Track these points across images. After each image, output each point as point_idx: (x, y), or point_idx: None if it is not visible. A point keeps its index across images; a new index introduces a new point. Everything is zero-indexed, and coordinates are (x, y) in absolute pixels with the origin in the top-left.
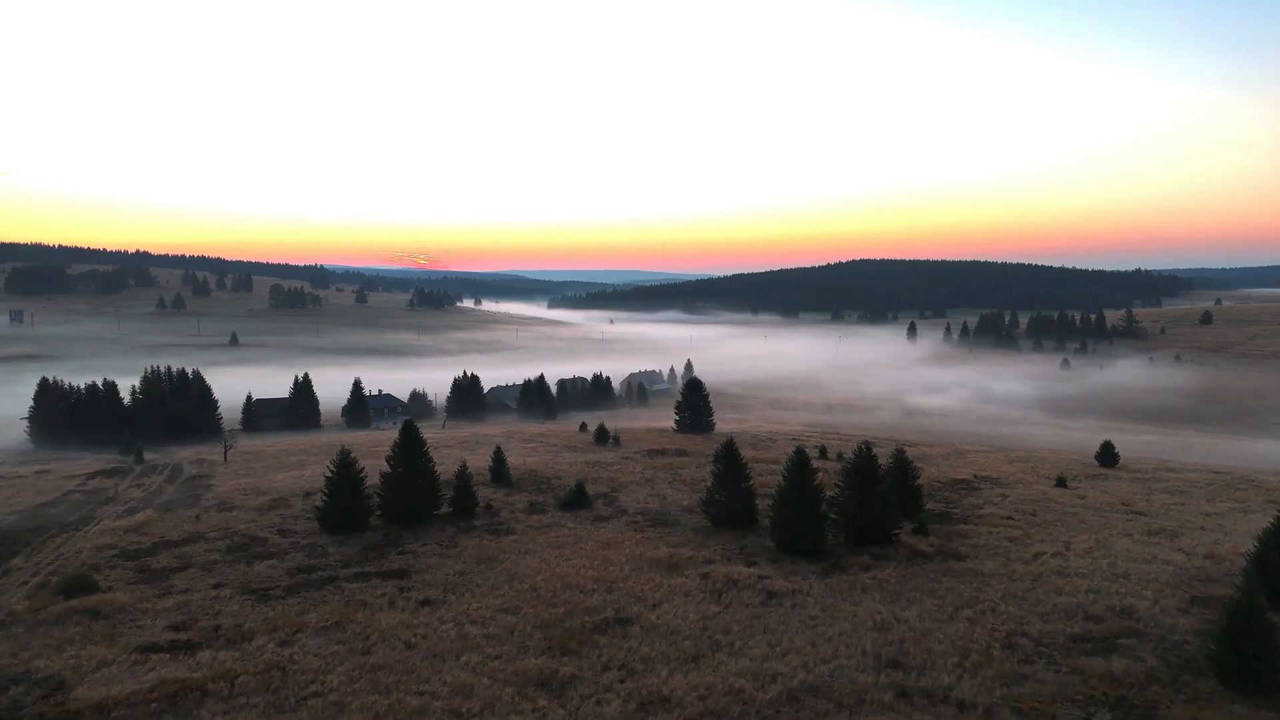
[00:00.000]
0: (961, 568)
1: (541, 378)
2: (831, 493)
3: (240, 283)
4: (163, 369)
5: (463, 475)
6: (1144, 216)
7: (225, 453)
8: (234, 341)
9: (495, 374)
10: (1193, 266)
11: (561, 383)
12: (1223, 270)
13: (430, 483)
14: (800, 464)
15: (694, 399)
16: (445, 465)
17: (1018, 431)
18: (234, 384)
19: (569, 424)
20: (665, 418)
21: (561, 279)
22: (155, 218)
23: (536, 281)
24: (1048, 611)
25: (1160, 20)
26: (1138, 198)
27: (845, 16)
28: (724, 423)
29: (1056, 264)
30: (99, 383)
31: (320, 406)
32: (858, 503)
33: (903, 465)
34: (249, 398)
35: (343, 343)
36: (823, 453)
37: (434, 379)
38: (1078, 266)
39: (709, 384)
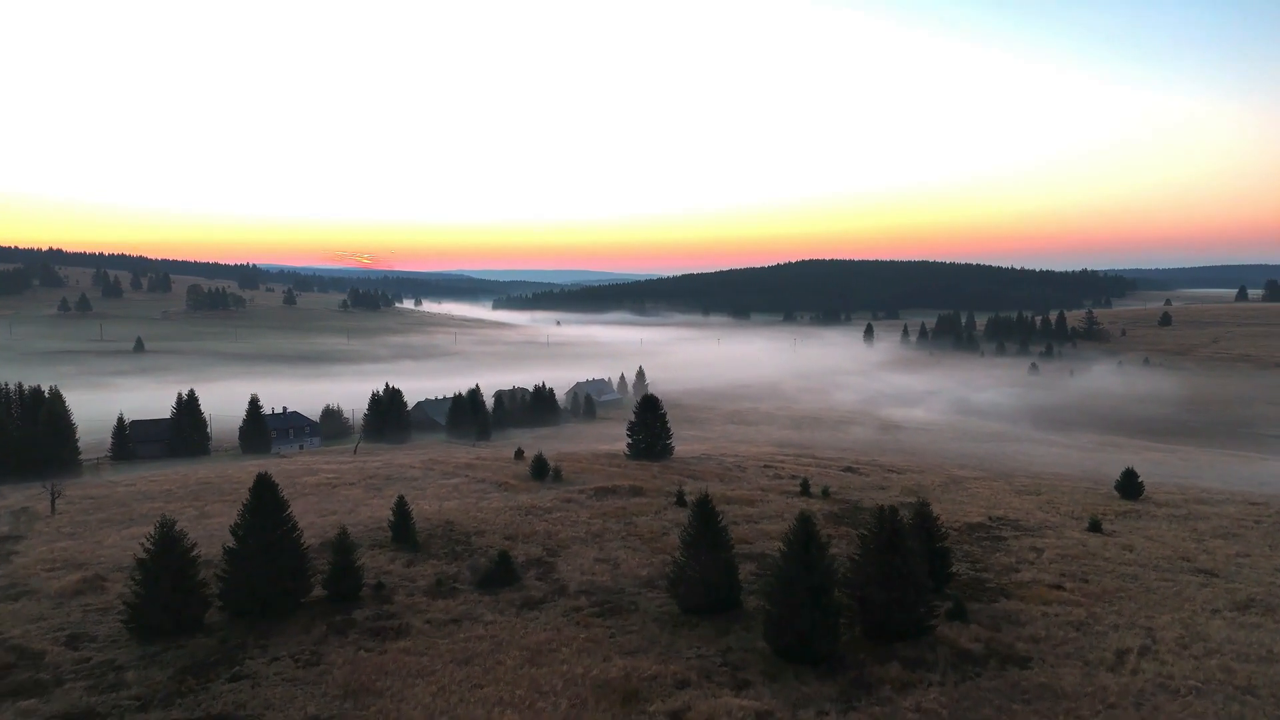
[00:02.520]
0: (1030, 682)
1: (475, 391)
2: (835, 552)
3: (157, 283)
4: (12, 386)
5: (342, 544)
6: (1086, 219)
7: (53, 501)
8: (139, 347)
9: (427, 385)
10: (1131, 267)
11: (499, 395)
12: (1159, 271)
13: (293, 558)
14: (806, 537)
15: (649, 419)
16: (334, 516)
17: (1009, 450)
18: (126, 400)
19: (505, 447)
20: (616, 436)
21: (508, 279)
22: (76, 215)
23: (482, 281)
24: None
25: (1113, 26)
26: (1080, 201)
27: (796, 19)
28: (682, 442)
29: (1004, 264)
30: None
31: (214, 428)
32: (881, 583)
33: (926, 521)
34: (120, 420)
35: (265, 348)
36: (804, 488)
37: (359, 390)
38: (1026, 267)
39: (662, 393)
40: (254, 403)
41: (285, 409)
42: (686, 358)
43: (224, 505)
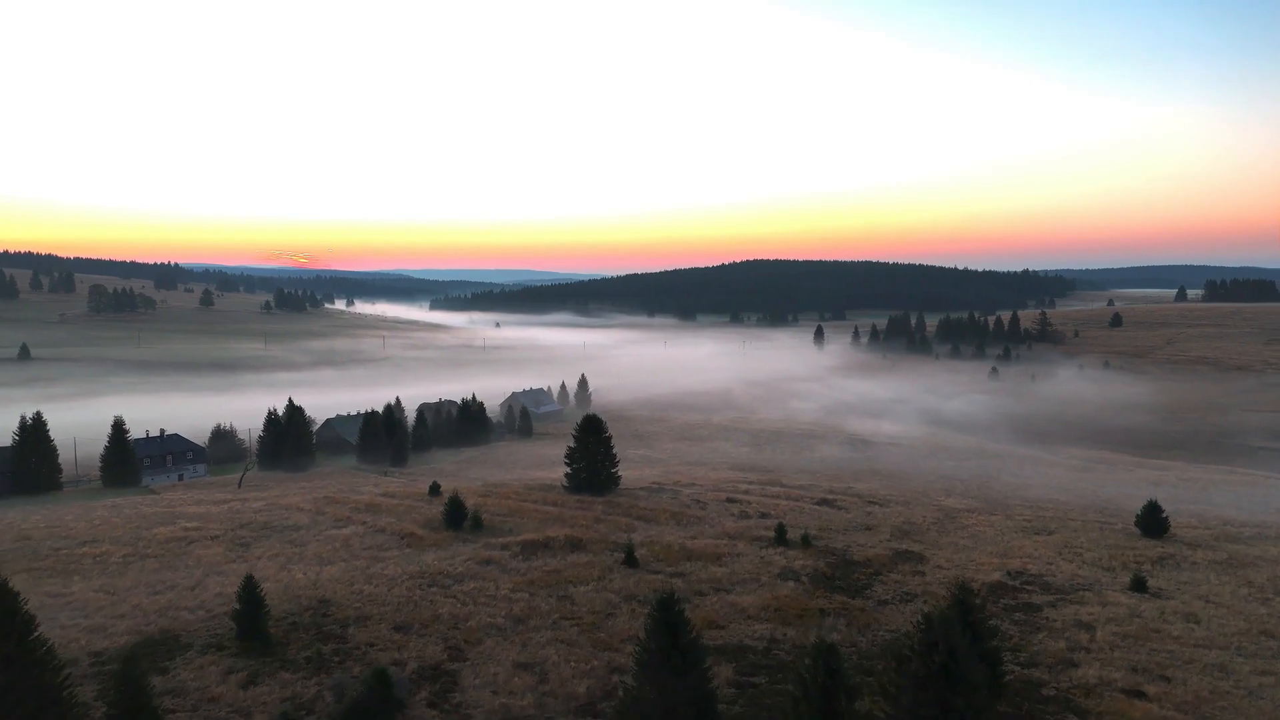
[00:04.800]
0: None
1: (390, 408)
2: (837, 639)
3: (60, 282)
4: None
5: (129, 674)
6: (1024, 221)
7: None
8: (24, 355)
9: (344, 398)
10: (1067, 268)
11: (422, 411)
12: (1094, 271)
13: (41, 709)
14: (828, 678)
15: (591, 443)
16: (169, 595)
17: (994, 471)
18: None
19: (422, 476)
20: (554, 459)
21: (448, 278)
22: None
23: (420, 281)
24: None
25: (1062, 35)
26: (1019, 204)
27: (737, 20)
28: (630, 465)
29: (946, 265)
30: None
31: (83, 453)
32: None
33: (968, 613)
34: None
35: (173, 355)
36: (780, 534)
37: (265, 405)
38: (968, 268)
39: (607, 404)
40: (118, 426)
41: (163, 432)
42: (632, 362)
43: (30, 578)
